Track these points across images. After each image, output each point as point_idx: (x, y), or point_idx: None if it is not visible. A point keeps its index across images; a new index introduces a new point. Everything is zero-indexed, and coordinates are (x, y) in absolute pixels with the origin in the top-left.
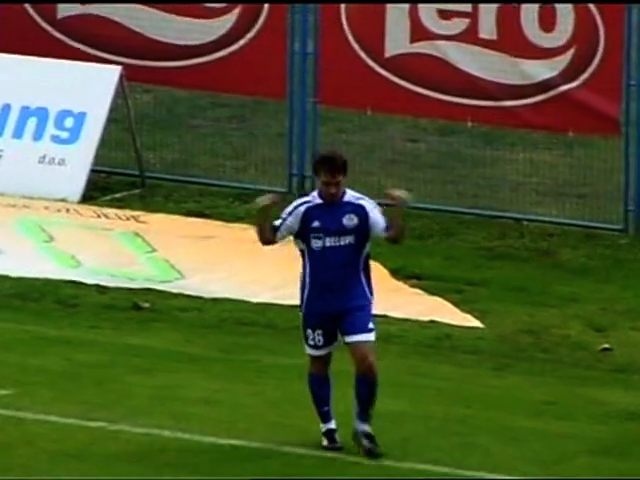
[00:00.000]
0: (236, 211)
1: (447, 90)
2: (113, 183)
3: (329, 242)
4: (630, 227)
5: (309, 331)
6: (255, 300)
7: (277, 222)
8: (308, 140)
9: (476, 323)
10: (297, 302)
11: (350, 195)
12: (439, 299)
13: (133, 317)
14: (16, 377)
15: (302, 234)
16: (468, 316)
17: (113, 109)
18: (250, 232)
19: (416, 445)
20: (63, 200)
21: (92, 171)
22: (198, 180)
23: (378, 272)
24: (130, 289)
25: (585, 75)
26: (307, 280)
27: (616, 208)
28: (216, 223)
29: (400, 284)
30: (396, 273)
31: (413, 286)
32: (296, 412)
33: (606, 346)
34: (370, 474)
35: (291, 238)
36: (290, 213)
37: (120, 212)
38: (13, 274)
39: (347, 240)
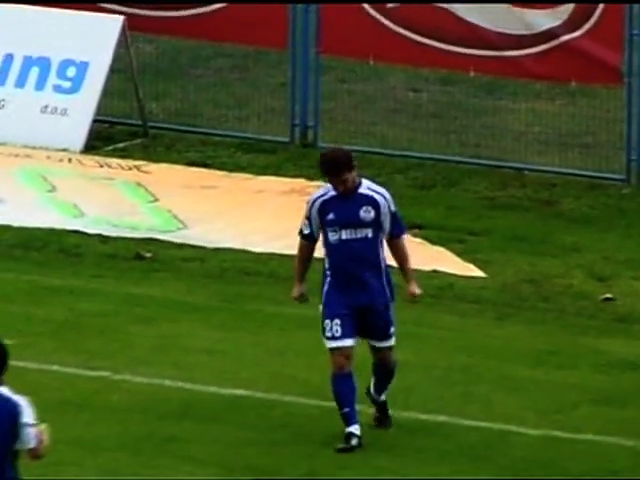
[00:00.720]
0: (238, 161)
1: (449, 40)
2: (115, 133)
3: (345, 235)
4: (632, 177)
5: (327, 321)
6: (257, 250)
7: (307, 230)
8: (310, 90)
9: (478, 273)
10: None
11: (366, 186)
12: (441, 249)
13: (136, 267)
14: (19, 327)
15: (321, 227)
16: (470, 266)
17: (116, 59)
18: (252, 182)
19: (419, 394)
20: (65, 150)
21: (94, 121)
22: (200, 130)
23: None
24: (132, 239)
25: (588, 25)
26: (327, 272)
27: (619, 158)
28: (218, 173)
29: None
30: None
31: (415, 236)
32: (299, 362)
33: (608, 296)
34: (372, 423)
35: None
36: (310, 210)
37: (123, 162)
38: (15, 224)
39: (364, 233)
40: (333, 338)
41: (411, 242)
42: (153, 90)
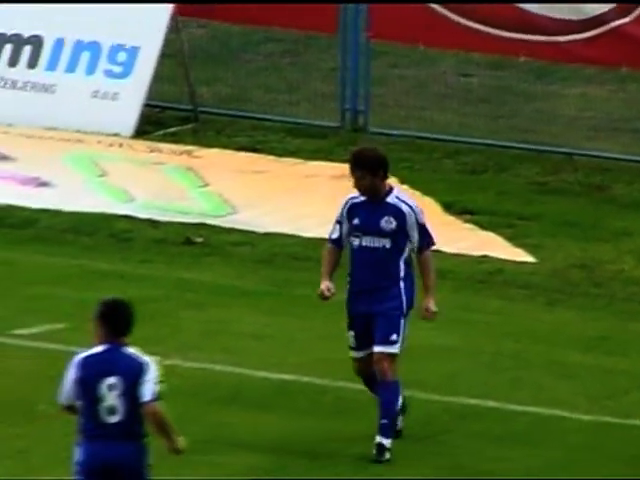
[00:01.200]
0: (288, 146)
1: (500, 25)
2: (166, 118)
3: (365, 242)
4: None
5: (348, 331)
6: (307, 235)
7: (335, 234)
8: (361, 75)
9: (528, 258)
10: None
11: (394, 195)
12: (491, 234)
13: (185, 252)
14: (69, 311)
15: (347, 231)
16: (520, 251)
17: (166, 43)
18: (302, 167)
19: (466, 380)
20: (116, 135)
21: (145, 105)
22: (251, 115)
23: (430, 207)
24: (183, 223)
25: (638, 10)
26: (348, 279)
27: None
28: (268, 158)
29: (453, 219)
30: (449, 208)
31: (466, 221)
32: (347, 347)
33: None
34: (419, 407)
35: None
36: (342, 210)
37: (173, 147)
38: (66, 208)
39: (382, 243)
40: (350, 348)
41: (461, 227)
42: (204, 75)
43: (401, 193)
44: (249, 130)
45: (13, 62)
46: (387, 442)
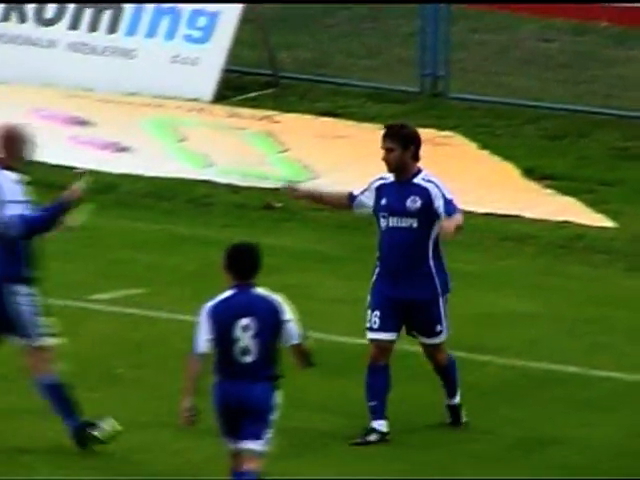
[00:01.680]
0: (368, 111)
1: None
2: (246, 83)
3: (392, 222)
4: None
5: (369, 312)
6: None
7: (356, 191)
8: (440, 40)
9: (609, 223)
10: None
11: (422, 176)
12: (572, 199)
13: (265, 216)
14: (149, 276)
15: (375, 212)
16: (601, 216)
17: (246, 8)
18: (381, 132)
19: (547, 345)
20: (196, 100)
21: (225, 71)
22: (331, 80)
23: (510, 173)
24: (262, 189)
25: None
26: (377, 262)
27: None
28: (348, 123)
29: (533, 184)
30: (529, 174)
31: (546, 187)
32: None
33: None
34: (499, 374)
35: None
36: (367, 189)
37: (253, 112)
38: (146, 174)
39: (409, 222)
40: (371, 329)
41: (541, 193)
42: (284, 40)
43: (428, 174)
44: (329, 95)
45: (93, 27)
46: (457, 399)
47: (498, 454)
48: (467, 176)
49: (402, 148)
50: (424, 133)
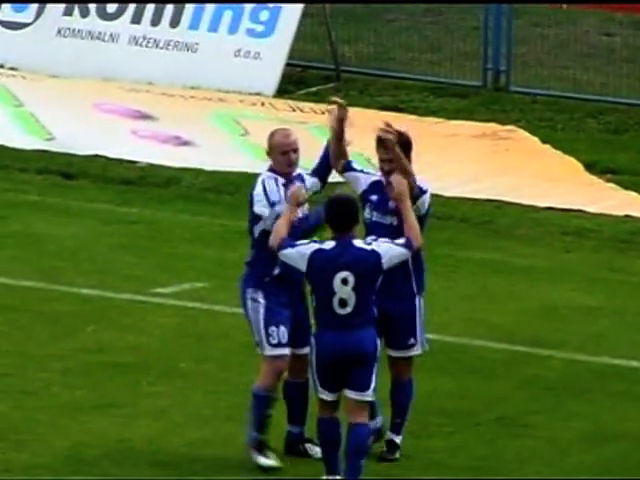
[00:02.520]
0: (430, 105)
1: None
2: (308, 77)
3: (375, 217)
4: None
5: None
6: (448, 194)
7: (355, 164)
8: (503, 34)
9: None
10: (490, 196)
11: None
12: (634, 194)
13: None
14: (212, 270)
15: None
16: None
17: (308, 3)
18: (444, 126)
19: (611, 340)
20: (258, 94)
21: (287, 65)
22: (393, 74)
23: (572, 167)
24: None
25: None
26: None
27: None
28: (410, 117)
29: (595, 178)
30: (591, 168)
31: (608, 181)
32: (490, 306)
33: None
34: (561, 368)
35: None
36: (365, 171)
37: (315, 106)
38: (208, 167)
39: (390, 220)
40: None
41: (603, 187)
42: (346, 34)
43: (420, 180)
44: (391, 89)
45: (155, 21)
46: (398, 439)
47: (560, 448)
48: (528, 170)
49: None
50: (486, 127)
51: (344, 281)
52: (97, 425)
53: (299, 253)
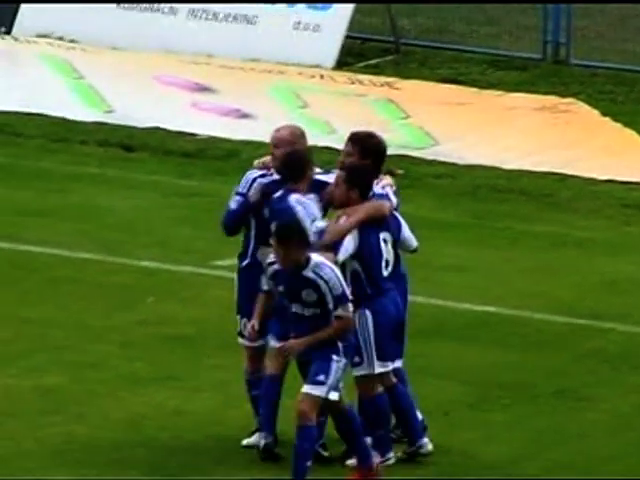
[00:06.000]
0: (490, 78)
1: None
2: (367, 49)
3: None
4: None
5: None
6: (509, 167)
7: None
8: (563, 7)
9: None
10: (550, 169)
11: None
12: None
13: None
14: None
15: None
16: None
17: None
18: (503, 99)
19: None
20: (317, 66)
21: (346, 37)
22: (452, 47)
23: (632, 139)
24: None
25: None
26: None
27: None
28: (470, 90)
29: None
30: None
31: None
32: (550, 279)
33: None
34: (622, 340)
35: None
36: None
37: (374, 78)
38: (268, 140)
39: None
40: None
41: None
42: (405, 6)
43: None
44: (450, 62)
45: None
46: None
47: (620, 421)
48: (589, 143)
49: (360, 157)
50: (545, 100)
51: (385, 241)
52: (156, 397)
53: (350, 240)
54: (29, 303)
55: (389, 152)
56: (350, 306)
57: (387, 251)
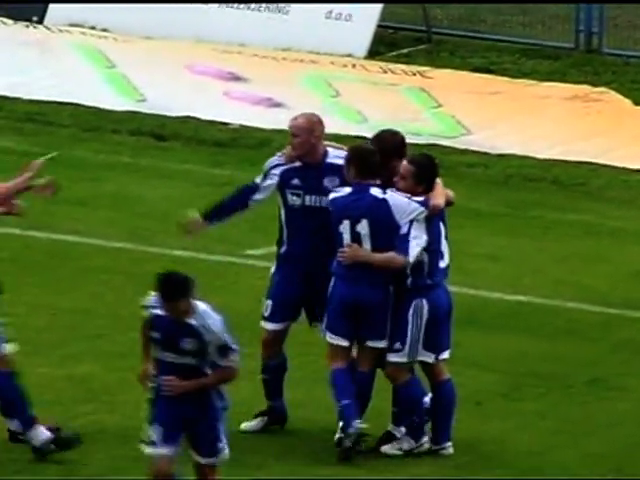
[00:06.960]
0: (522, 67)
1: None
2: (399, 38)
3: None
4: None
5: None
6: (541, 156)
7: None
8: None
9: None
10: (582, 159)
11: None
12: None
13: None
14: None
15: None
16: None
17: None
18: (536, 88)
19: None
20: (349, 55)
21: (379, 26)
22: (484, 36)
23: None
24: (416, 144)
25: None
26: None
27: None
28: (502, 79)
29: None
30: None
31: None
32: (583, 268)
33: None
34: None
35: None
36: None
37: (406, 67)
38: None
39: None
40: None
41: None
42: None
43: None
44: (482, 51)
45: None
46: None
47: None
48: (621, 132)
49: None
50: (577, 90)
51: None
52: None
53: (420, 232)
54: (63, 292)
55: (421, 141)
56: (236, 354)
57: (444, 243)
